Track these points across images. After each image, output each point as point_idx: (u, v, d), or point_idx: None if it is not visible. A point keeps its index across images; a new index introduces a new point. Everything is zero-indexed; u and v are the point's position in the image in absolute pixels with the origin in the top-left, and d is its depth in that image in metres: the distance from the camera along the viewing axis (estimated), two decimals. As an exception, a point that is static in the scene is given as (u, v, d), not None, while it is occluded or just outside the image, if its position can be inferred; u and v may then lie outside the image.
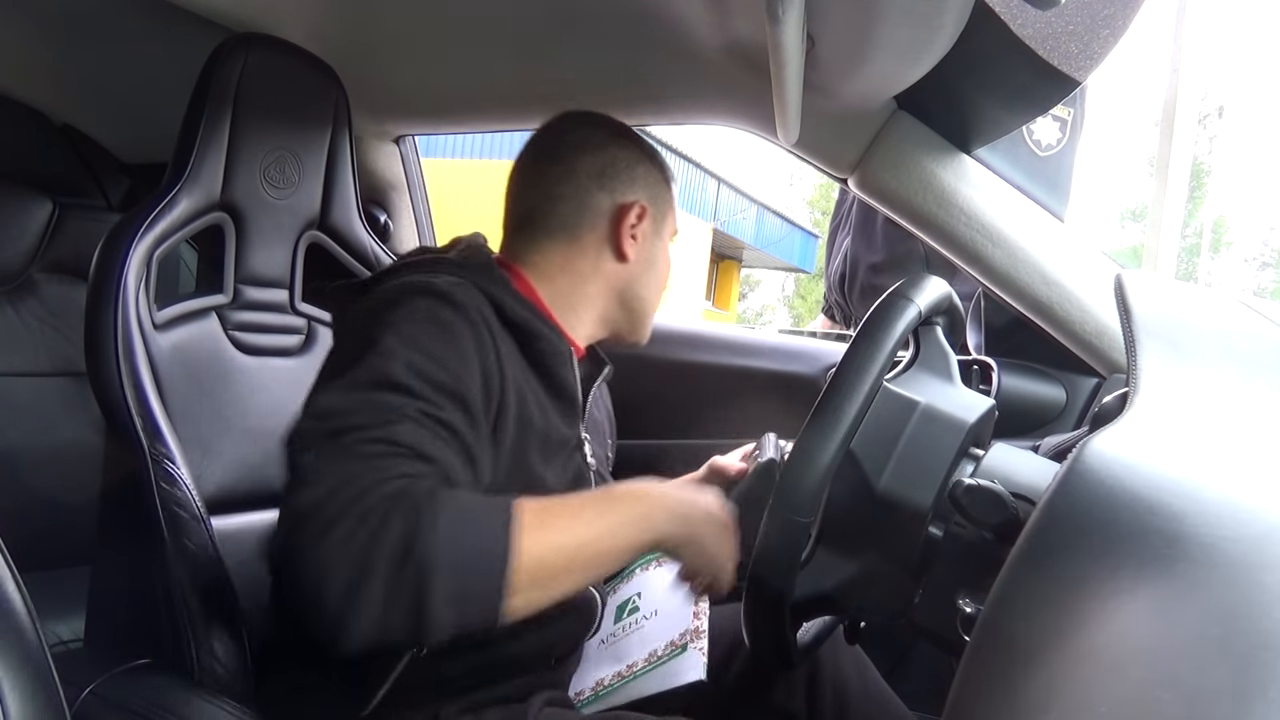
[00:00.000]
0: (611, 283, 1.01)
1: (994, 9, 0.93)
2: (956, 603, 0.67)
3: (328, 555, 0.66)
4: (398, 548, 0.67)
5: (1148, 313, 0.66)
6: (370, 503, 0.68)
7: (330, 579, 0.66)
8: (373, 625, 0.67)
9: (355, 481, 0.69)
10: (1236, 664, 0.31)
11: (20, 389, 1.59)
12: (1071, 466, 0.46)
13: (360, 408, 0.75)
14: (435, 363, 0.79)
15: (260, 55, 1.11)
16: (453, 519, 0.69)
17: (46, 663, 0.63)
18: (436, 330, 0.82)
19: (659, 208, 1.04)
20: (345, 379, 0.78)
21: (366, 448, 0.72)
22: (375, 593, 0.66)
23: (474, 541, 0.70)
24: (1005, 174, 1.22)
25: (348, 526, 0.67)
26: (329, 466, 0.71)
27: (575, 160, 1.00)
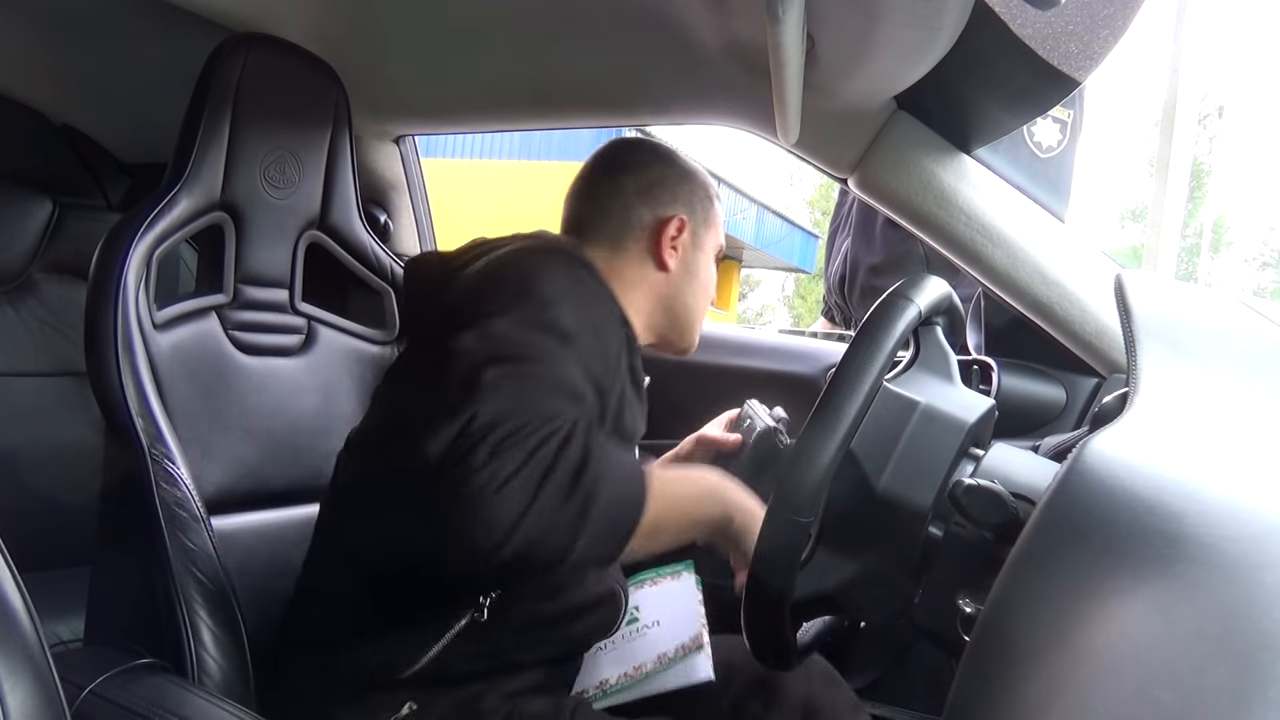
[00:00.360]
0: (656, 290, 1.09)
1: (994, 9, 0.93)
2: (956, 603, 0.67)
3: (513, 466, 0.75)
4: (574, 467, 0.78)
5: (1148, 313, 0.66)
6: (546, 431, 0.78)
7: (514, 487, 0.75)
8: (534, 536, 0.76)
9: (534, 411, 0.79)
10: (1236, 664, 0.31)
11: (20, 389, 1.59)
12: (1071, 466, 0.46)
13: (531, 344, 0.84)
14: (587, 324, 0.90)
15: (260, 55, 1.11)
16: (612, 459, 0.82)
17: (46, 663, 0.63)
18: (582, 290, 0.94)
19: (699, 222, 1.11)
20: (512, 316, 0.86)
21: (542, 385, 0.82)
22: (551, 501, 0.76)
23: (623, 485, 0.83)
24: (1005, 174, 1.22)
25: (530, 445, 0.77)
26: (506, 391, 0.80)
27: (623, 178, 1.09)
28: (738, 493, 0.94)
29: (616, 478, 0.82)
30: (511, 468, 0.75)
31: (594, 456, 0.79)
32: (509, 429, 0.76)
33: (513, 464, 0.75)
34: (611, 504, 0.80)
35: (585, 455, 0.79)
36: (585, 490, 0.78)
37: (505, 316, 0.86)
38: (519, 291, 0.89)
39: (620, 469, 0.83)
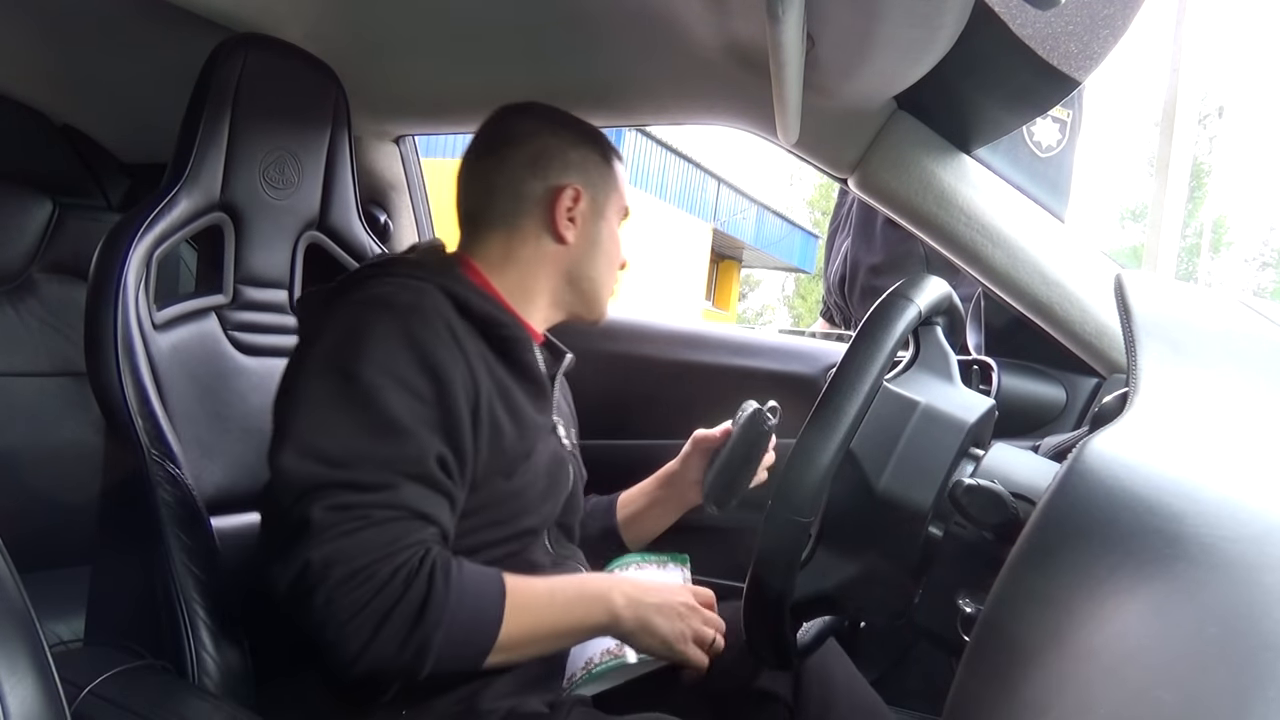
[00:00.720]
0: (557, 266, 1.05)
1: (994, 9, 0.93)
2: (956, 603, 0.67)
3: (347, 613, 0.78)
4: (411, 619, 0.79)
5: (1148, 313, 0.66)
6: (385, 574, 0.79)
7: (347, 630, 0.78)
8: (377, 667, 0.79)
9: (371, 553, 0.79)
10: (1236, 664, 0.31)
11: (20, 389, 1.59)
12: (1071, 466, 0.46)
13: (360, 460, 0.82)
14: (417, 395, 0.86)
15: (259, 55, 1.11)
16: (458, 597, 0.81)
17: (46, 663, 0.62)
18: (411, 354, 0.87)
19: (597, 189, 1.06)
20: (340, 414, 0.84)
21: (378, 513, 0.81)
22: (385, 649, 0.79)
23: (472, 616, 0.83)
24: (1005, 174, 1.22)
25: (366, 593, 0.78)
26: (343, 528, 0.79)
27: (508, 151, 1.04)
28: (625, 592, 0.92)
29: (465, 609, 0.82)
30: (346, 615, 0.77)
31: (435, 594, 0.80)
32: (343, 575, 0.78)
33: (348, 612, 0.77)
34: (456, 635, 0.81)
35: (426, 595, 0.79)
36: (426, 629, 0.79)
37: (330, 415, 0.84)
38: (342, 376, 0.85)
39: (469, 598, 0.82)
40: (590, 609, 0.91)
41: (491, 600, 0.84)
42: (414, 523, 0.82)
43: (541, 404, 1.01)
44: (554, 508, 1.03)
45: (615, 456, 1.50)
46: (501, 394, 0.94)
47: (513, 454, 0.94)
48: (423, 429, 0.85)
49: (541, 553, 1.02)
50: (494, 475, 0.93)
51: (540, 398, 1.01)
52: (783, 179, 37.15)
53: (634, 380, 1.57)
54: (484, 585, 0.85)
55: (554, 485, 1.02)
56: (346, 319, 0.90)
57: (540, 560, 1.00)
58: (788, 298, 31.55)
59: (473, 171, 1.06)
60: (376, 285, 0.92)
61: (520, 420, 0.96)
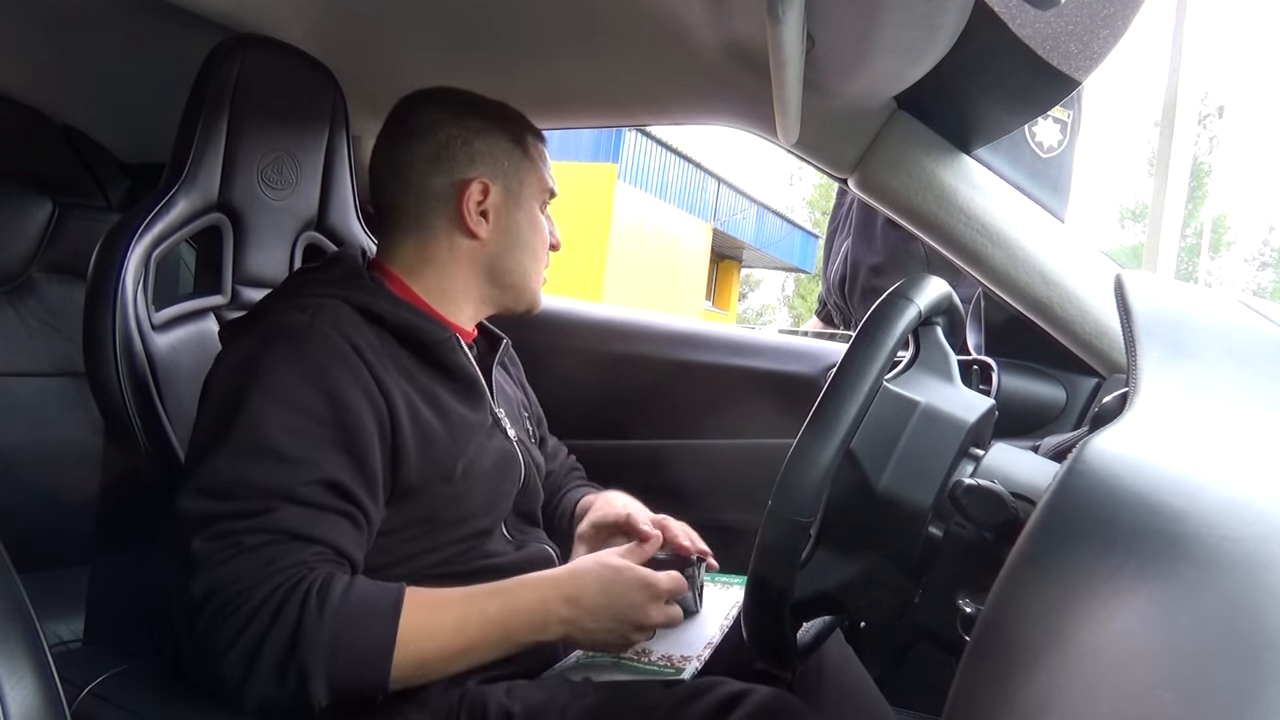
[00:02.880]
0: (474, 262, 1.02)
1: (994, 9, 0.93)
2: (956, 603, 0.67)
3: (223, 644, 0.75)
4: (284, 645, 0.75)
5: (1148, 313, 0.66)
6: (257, 600, 0.76)
7: (225, 663, 0.76)
8: (261, 701, 0.77)
9: (242, 578, 0.77)
10: (1238, 664, 0.31)
11: (20, 389, 1.59)
12: (1071, 466, 0.46)
13: (241, 488, 0.80)
14: (308, 416, 0.83)
15: (257, 56, 1.11)
16: (337, 618, 0.77)
17: (46, 663, 0.62)
18: (301, 376, 0.84)
19: (510, 177, 1.02)
20: (224, 446, 0.82)
21: (251, 538, 0.78)
22: (264, 678, 0.76)
23: (356, 640, 0.78)
24: (1005, 174, 1.22)
25: (238, 622, 0.75)
26: (217, 557, 0.78)
27: (411, 147, 1.00)
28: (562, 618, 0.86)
29: (349, 629, 0.77)
30: (224, 646, 0.76)
31: (307, 617, 0.76)
32: (217, 605, 0.76)
33: (225, 642, 0.76)
34: (342, 658, 0.77)
35: (299, 619, 0.76)
36: (301, 654, 0.76)
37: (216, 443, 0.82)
38: (231, 402, 0.83)
39: (353, 619, 0.78)
40: (522, 623, 0.85)
41: (380, 618, 0.79)
42: (291, 545, 0.79)
43: (475, 402, 0.99)
44: (505, 505, 1.02)
45: (615, 456, 1.50)
46: (427, 399, 0.92)
47: (448, 457, 0.92)
48: (312, 451, 0.82)
49: (499, 543, 1.01)
50: (433, 480, 0.91)
51: (473, 396, 0.99)
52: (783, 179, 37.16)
53: (634, 380, 1.57)
54: (374, 602, 0.80)
55: (502, 482, 1.01)
56: (242, 349, 0.88)
57: (498, 550, 0.99)
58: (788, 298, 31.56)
59: (381, 167, 1.02)
60: (275, 312, 0.90)
61: (450, 422, 0.94)
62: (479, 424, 0.98)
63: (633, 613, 0.88)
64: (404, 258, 1.01)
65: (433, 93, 1.04)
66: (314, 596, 0.77)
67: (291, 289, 0.96)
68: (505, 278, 1.04)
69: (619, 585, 0.88)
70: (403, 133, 1.01)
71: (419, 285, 1.01)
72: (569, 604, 0.86)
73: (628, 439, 1.55)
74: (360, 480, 0.85)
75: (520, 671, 0.96)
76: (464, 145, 1.00)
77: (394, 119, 1.03)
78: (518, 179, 1.03)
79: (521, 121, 1.05)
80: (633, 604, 0.88)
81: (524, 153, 1.04)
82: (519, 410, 1.15)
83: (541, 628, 0.85)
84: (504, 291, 1.05)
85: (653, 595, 0.89)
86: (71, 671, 0.87)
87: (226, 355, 0.91)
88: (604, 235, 13.04)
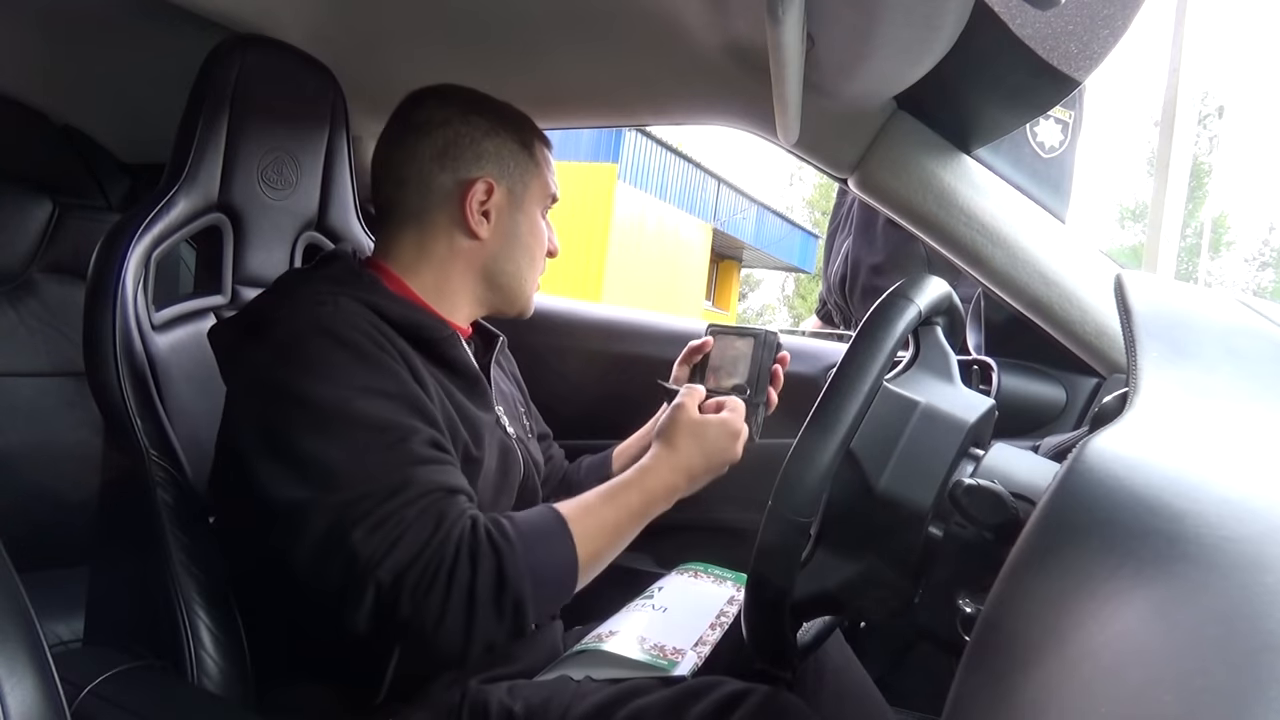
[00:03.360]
0: (472, 262, 1.02)
1: (994, 9, 0.93)
2: (956, 603, 0.67)
3: (436, 610, 0.77)
4: (494, 584, 0.79)
5: (1148, 313, 0.66)
6: (450, 556, 0.78)
7: (446, 624, 0.77)
8: (489, 640, 0.80)
9: (427, 546, 0.78)
10: (1237, 665, 0.31)
11: (20, 389, 1.59)
12: (1071, 466, 0.46)
13: (366, 471, 0.79)
14: (380, 394, 0.83)
15: (257, 56, 1.11)
16: (526, 546, 0.82)
17: (46, 663, 0.62)
18: (354, 359, 0.84)
19: (514, 180, 1.02)
20: (323, 445, 0.80)
21: (409, 510, 0.79)
22: (486, 621, 0.79)
23: (548, 560, 0.83)
24: (1005, 174, 1.22)
25: (443, 582, 0.77)
26: (389, 539, 0.77)
27: (417, 143, 0.99)
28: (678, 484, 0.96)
29: (538, 553, 0.83)
30: (438, 612, 0.76)
31: (504, 553, 0.80)
32: (414, 580, 0.76)
33: (437, 606, 0.76)
34: (542, 579, 0.82)
35: (497, 558, 0.79)
36: (513, 588, 0.79)
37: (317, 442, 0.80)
38: (294, 402, 0.81)
39: (537, 543, 0.83)
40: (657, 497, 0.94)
41: (559, 536, 0.85)
42: (446, 500, 0.81)
43: (479, 399, 0.99)
44: (509, 500, 1.03)
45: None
46: (442, 392, 0.93)
47: (465, 450, 0.93)
48: (402, 418, 0.83)
49: None
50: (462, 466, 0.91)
51: (477, 393, 0.99)
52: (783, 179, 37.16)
53: (634, 380, 1.57)
54: (544, 525, 0.86)
55: (506, 479, 1.02)
56: (277, 352, 0.85)
57: None
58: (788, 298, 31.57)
59: (382, 164, 1.02)
60: (292, 308, 0.88)
61: (465, 417, 0.94)
62: (484, 420, 0.98)
63: (726, 454, 1.00)
64: (401, 254, 1.01)
65: (441, 89, 1.03)
66: (497, 535, 0.81)
67: (289, 288, 0.95)
68: (501, 279, 1.03)
69: (710, 438, 0.99)
70: (408, 128, 1.00)
71: (415, 282, 1.00)
72: (685, 474, 0.97)
73: (627, 439, 1.55)
74: (442, 434, 0.88)
75: (521, 671, 0.96)
76: (472, 144, 0.99)
77: (400, 114, 1.02)
78: (522, 182, 1.03)
79: (529, 125, 1.05)
80: (725, 448, 0.99)
81: (530, 156, 1.03)
82: (516, 407, 1.16)
83: (668, 500, 0.96)
84: (497, 293, 1.05)
85: (734, 434, 1.00)
86: (71, 671, 0.87)
87: (254, 360, 0.87)
88: (604, 235, 13.04)
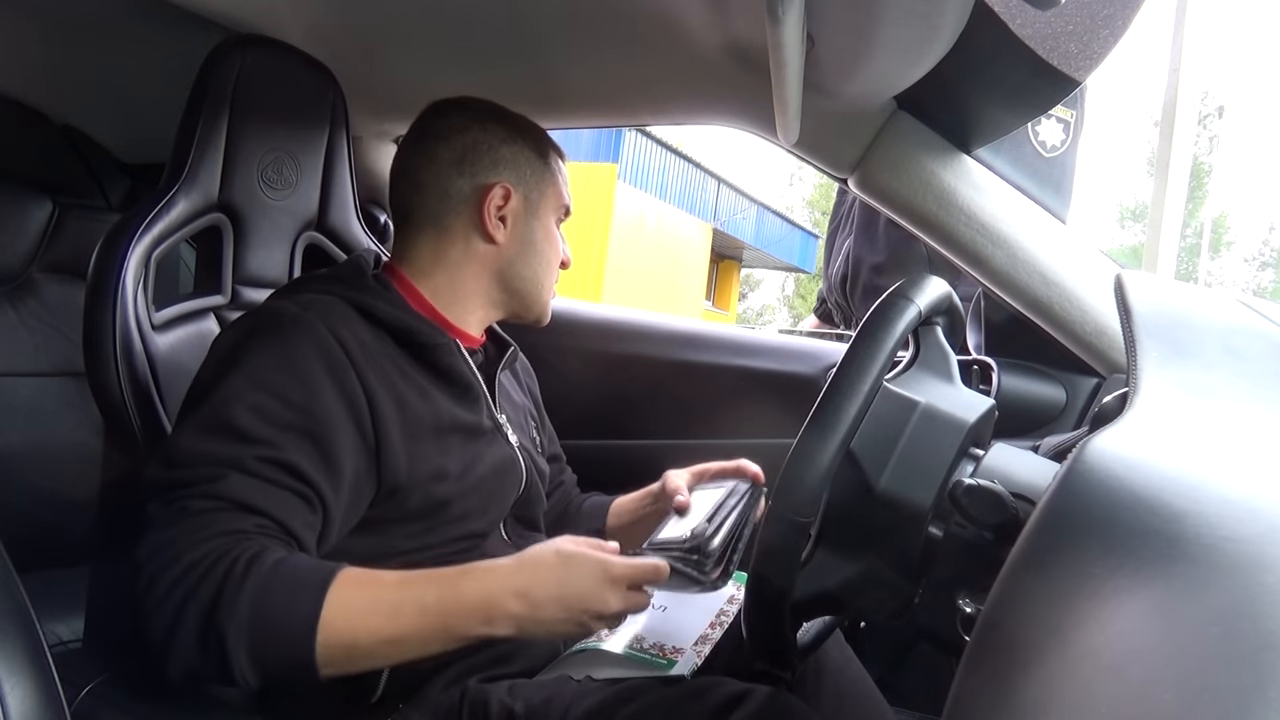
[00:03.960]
0: (487, 267, 1.03)
1: (994, 9, 0.93)
2: (956, 603, 0.67)
3: (151, 605, 0.74)
4: (204, 611, 0.73)
5: (1148, 313, 0.66)
6: (185, 564, 0.74)
7: (152, 624, 0.74)
8: (186, 668, 0.75)
9: (178, 541, 0.76)
10: (1237, 664, 0.31)
11: (20, 389, 1.59)
12: (1071, 466, 0.46)
13: (196, 458, 0.80)
14: (279, 399, 0.83)
15: (256, 56, 1.11)
16: (260, 588, 0.74)
17: (46, 663, 0.63)
18: (278, 362, 0.85)
19: (530, 187, 1.03)
20: (191, 420, 0.83)
21: (194, 503, 0.78)
22: (186, 644, 0.74)
23: (276, 615, 0.75)
24: (1005, 174, 1.22)
25: (166, 584, 0.74)
26: (162, 521, 0.78)
27: (435, 148, 1.01)
28: (512, 614, 0.80)
29: (271, 601, 0.74)
30: (152, 605, 0.74)
31: (231, 582, 0.73)
32: (153, 568, 0.75)
33: (153, 601, 0.74)
34: (260, 631, 0.74)
35: (222, 583, 0.73)
36: (220, 620, 0.73)
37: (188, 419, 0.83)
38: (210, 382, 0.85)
39: (278, 590, 0.75)
40: (465, 614, 0.80)
41: (307, 592, 0.75)
42: (234, 513, 0.78)
43: (470, 407, 0.99)
44: (501, 510, 1.02)
45: (615, 456, 1.50)
46: (421, 399, 0.93)
47: (436, 458, 0.92)
48: (273, 432, 0.82)
49: (498, 545, 1.01)
50: (423, 479, 0.91)
51: (468, 400, 0.99)
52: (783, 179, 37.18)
53: (634, 380, 1.57)
54: (303, 576, 0.76)
55: (501, 488, 1.01)
56: (230, 336, 0.90)
57: (496, 551, 0.98)
58: (788, 298, 31.58)
59: (402, 170, 1.04)
60: (269, 303, 0.92)
61: (443, 425, 0.94)
62: (474, 427, 0.99)
63: (589, 602, 0.81)
64: (417, 259, 1.02)
65: (459, 100, 1.06)
66: (241, 563, 0.74)
67: (292, 288, 0.97)
68: (516, 284, 1.05)
69: (574, 572, 0.82)
70: (427, 136, 1.02)
71: (429, 286, 1.02)
72: (519, 598, 0.80)
73: (628, 439, 1.55)
74: (321, 468, 0.83)
75: (522, 670, 0.96)
76: (489, 150, 1.01)
77: (419, 123, 1.05)
78: (538, 190, 1.04)
79: (545, 137, 1.08)
80: (590, 592, 0.82)
81: (546, 165, 1.06)
82: (525, 418, 1.16)
83: (487, 622, 0.80)
84: (514, 298, 1.06)
85: (611, 580, 0.82)
86: (71, 671, 0.87)
87: (217, 341, 0.93)
88: (604, 235, 13.04)
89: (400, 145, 1.05)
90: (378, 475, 0.89)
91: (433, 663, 0.88)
